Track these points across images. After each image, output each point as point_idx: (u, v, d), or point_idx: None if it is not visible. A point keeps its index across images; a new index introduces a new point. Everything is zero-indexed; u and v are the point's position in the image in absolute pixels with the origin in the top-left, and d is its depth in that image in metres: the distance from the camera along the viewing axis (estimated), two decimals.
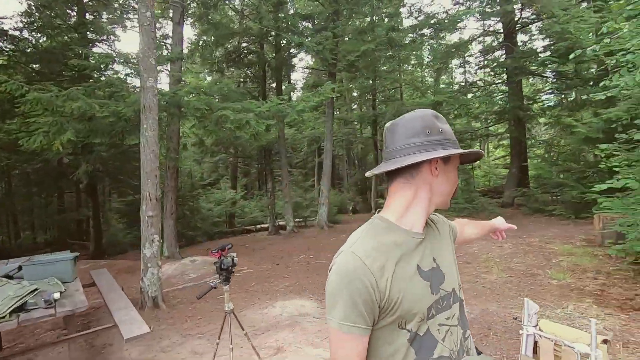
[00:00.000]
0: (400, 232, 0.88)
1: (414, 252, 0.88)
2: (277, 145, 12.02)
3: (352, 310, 0.79)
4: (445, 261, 0.95)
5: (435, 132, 0.88)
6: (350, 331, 0.80)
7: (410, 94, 20.71)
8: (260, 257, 7.89)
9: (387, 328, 0.84)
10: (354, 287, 0.79)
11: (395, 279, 0.82)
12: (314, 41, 8.78)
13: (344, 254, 0.85)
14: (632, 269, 4.47)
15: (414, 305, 0.83)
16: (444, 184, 0.91)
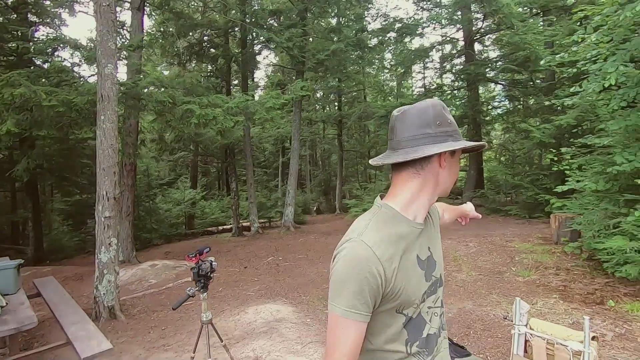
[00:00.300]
0: (405, 222, 0.89)
1: (415, 243, 0.90)
2: (242, 144, 11.63)
3: (358, 298, 0.80)
4: (437, 249, 1.00)
5: (445, 123, 0.88)
6: (354, 317, 0.81)
7: (373, 97, 21.12)
8: (227, 260, 7.53)
9: (386, 312, 0.86)
10: (363, 276, 0.79)
11: (400, 269, 0.84)
12: (283, 37, 8.56)
13: (353, 242, 0.84)
14: (588, 265, 4.78)
15: (413, 293, 0.87)
16: (449, 176, 0.92)
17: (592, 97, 4.08)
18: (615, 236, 3.96)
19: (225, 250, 8.74)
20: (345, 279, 0.81)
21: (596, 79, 3.45)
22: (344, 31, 10.89)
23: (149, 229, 12.06)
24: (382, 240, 0.84)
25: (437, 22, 10.41)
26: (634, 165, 3.66)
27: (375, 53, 13.29)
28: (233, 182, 12.26)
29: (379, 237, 0.84)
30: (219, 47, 11.32)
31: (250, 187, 11.68)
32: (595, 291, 3.97)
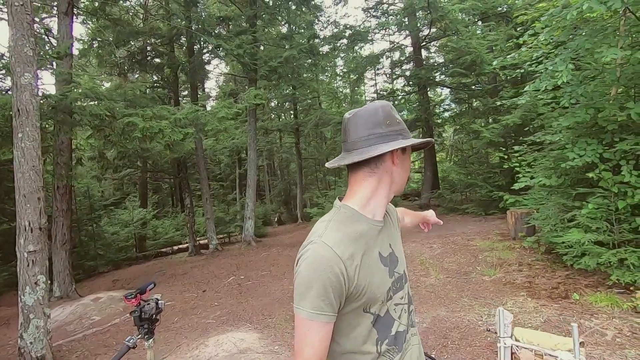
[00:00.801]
0: (364, 220, 0.91)
1: (376, 240, 0.92)
2: (195, 157, 10.98)
3: (323, 299, 0.80)
4: (398, 246, 1.03)
5: (394, 122, 0.92)
6: (319, 319, 0.81)
7: (328, 104, 21.21)
8: (183, 284, 6.92)
9: (352, 312, 0.87)
10: (326, 277, 0.80)
11: (362, 267, 0.85)
12: (233, 44, 8.19)
13: (315, 244, 0.85)
14: (547, 259, 4.92)
15: (378, 290, 0.88)
16: (402, 173, 0.95)
17: (542, 95, 4.20)
18: (571, 229, 4.08)
19: (180, 273, 8.07)
20: (309, 281, 0.82)
21: (547, 78, 3.53)
22: (295, 38, 10.74)
23: (94, 256, 10.92)
24: (342, 240, 0.85)
25: (387, 29, 10.61)
26: (584, 160, 3.79)
27: (327, 60, 13.31)
28: (187, 198, 11.50)
29: (339, 237, 0.85)
30: (163, 56, 10.65)
31: (206, 202, 11.02)
32: (558, 285, 4.04)
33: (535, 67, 4.58)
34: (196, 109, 6.94)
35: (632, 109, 3.34)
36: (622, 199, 3.72)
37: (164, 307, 2.13)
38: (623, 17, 3.92)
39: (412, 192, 15.15)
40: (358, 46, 14.30)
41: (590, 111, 3.62)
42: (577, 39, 3.47)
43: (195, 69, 9.95)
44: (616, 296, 3.50)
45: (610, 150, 3.77)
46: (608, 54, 2.98)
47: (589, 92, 3.51)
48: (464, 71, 8.55)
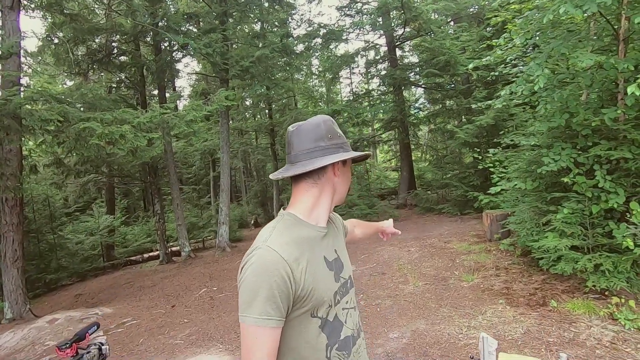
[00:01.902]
0: (308, 227, 0.96)
1: (320, 245, 0.96)
2: (164, 161, 10.47)
3: (270, 304, 0.80)
4: (343, 252, 1.07)
5: (335, 136, 0.97)
6: (266, 324, 0.81)
7: (304, 103, 20.95)
8: (150, 299, 6.52)
9: (300, 317, 0.87)
10: (272, 280, 0.81)
11: (307, 271, 0.87)
12: (201, 43, 7.80)
13: (259, 250, 0.86)
14: (523, 262, 4.92)
15: (324, 293, 0.90)
16: (343, 183, 1.01)
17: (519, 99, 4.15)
18: (547, 233, 4.05)
19: (149, 285, 7.64)
20: (256, 287, 0.82)
21: (522, 82, 3.45)
22: (268, 37, 10.41)
23: (55, 268, 10.21)
24: (288, 243, 0.87)
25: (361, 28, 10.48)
26: (560, 164, 3.75)
27: (302, 59, 13.05)
28: (157, 204, 10.98)
29: (284, 241, 0.88)
30: (128, 55, 10.06)
31: (177, 207, 10.55)
32: (536, 291, 4.01)
33: (509, 70, 4.54)
34: (162, 112, 6.53)
35: (606, 114, 3.31)
36: (596, 203, 3.71)
37: (119, 312, 1.84)
38: (593, 20, 3.92)
39: (389, 192, 15.18)
40: (333, 45, 14.14)
41: (565, 116, 3.58)
42: (552, 43, 3.41)
43: (162, 68, 9.46)
44: (593, 302, 3.48)
45: (584, 154, 3.75)
46: (584, 59, 2.91)
47: (564, 96, 3.47)
48: (438, 72, 8.55)
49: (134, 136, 5.75)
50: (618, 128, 3.41)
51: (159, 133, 6.41)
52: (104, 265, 11.87)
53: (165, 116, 6.63)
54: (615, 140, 3.59)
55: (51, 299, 8.63)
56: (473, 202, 8.55)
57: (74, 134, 5.20)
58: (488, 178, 8.30)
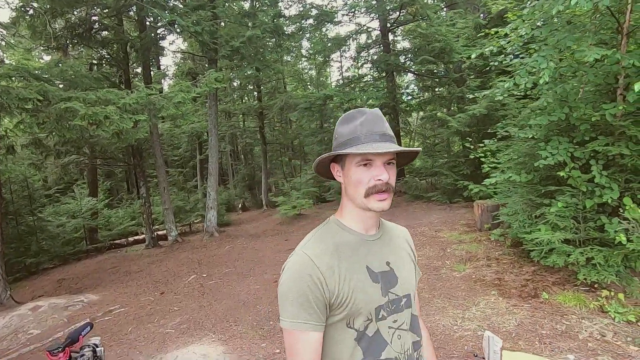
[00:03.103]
0: (350, 233, 0.93)
1: (363, 253, 0.91)
2: (150, 143, 10.14)
3: (303, 307, 0.82)
4: (402, 268, 0.98)
5: (334, 139, 0.94)
6: (302, 328, 0.82)
7: (293, 86, 20.56)
8: (138, 285, 6.40)
9: (335, 326, 0.86)
10: (304, 285, 0.82)
11: (344, 278, 0.85)
12: (190, 21, 7.43)
13: (295, 255, 0.89)
14: (513, 252, 4.99)
15: (361, 304, 0.86)
16: (348, 186, 0.92)
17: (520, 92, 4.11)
18: (540, 226, 4.10)
19: (136, 270, 7.50)
20: (288, 291, 0.84)
21: (526, 75, 3.39)
22: (259, 16, 10.03)
23: (36, 252, 9.91)
24: (323, 250, 0.87)
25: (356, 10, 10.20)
26: (557, 158, 3.75)
27: (293, 41, 12.70)
28: (142, 187, 10.69)
29: (320, 248, 0.88)
30: (110, 30, 9.55)
31: (164, 191, 10.30)
32: (527, 282, 4.08)
33: (510, 60, 4.48)
34: (148, 93, 6.25)
35: (607, 109, 3.30)
36: (590, 197, 3.74)
37: (106, 298, 1.75)
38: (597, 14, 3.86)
39: None
40: (325, 27, 13.78)
41: (565, 110, 3.56)
42: (557, 35, 3.34)
43: (147, 45, 9.03)
44: (583, 295, 3.56)
45: (580, 149, 3.76)
46: (590, 53, 2.86)
47: (567, 90, 3.43)
48: (433, 58, 8.44)
49: (120, 118, 5.49)
50: (617, 124, 3.41)
51: (145, 115, 6.13)
52: (87, 248, 11.60)
53: (152, 97, 6.35)
54: (612, 136, 3.60)
55: (32, 284, 8.40)
56: (462, 191, 8.63)
57: (54, 114, 4.92)
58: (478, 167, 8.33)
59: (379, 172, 0.86)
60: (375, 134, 0.87)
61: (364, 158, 0.87)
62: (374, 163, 0.87)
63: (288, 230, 9.61)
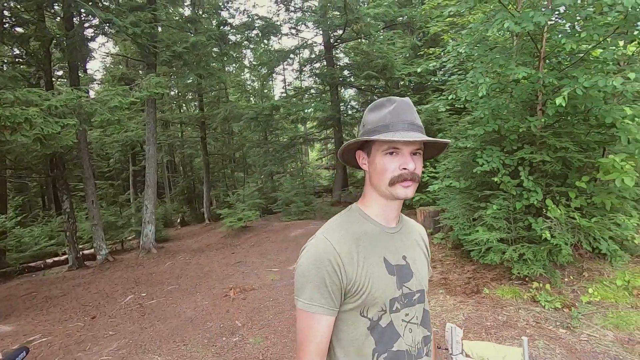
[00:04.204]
0: (371, 223, 0.93)
1: (382, 245, 0.91)
2: (77, 152, 9.16)
3: (319, 291, 0.83)
4: (417, 263, 0.98)
5: (361, 127, 0.93)
6: (316, 311, 0.83)
7: (236, 97, 20.19)
8: (63, 311, 5.64)
9: (350, 313, 0.87)
10: (323, 269, 0.83)
11: (362, 267, 0.86)
12: (127, 21, 6.96)
13: (315, 239, 0.89)
14: (455, 254, 5.37)
15: (377, 294, 0.86)
16: (373, 173, 0.91)
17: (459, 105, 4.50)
18: (478, 228, 4.48)
19: (58, 295, 6.61)
20: (307, 273, 0.84)
21: (467, 88, 3.75)
22: (202, 23, 9.75)
23: None
24: (344, 237, 0.87)
25: (302, 24, 10.44)
26: (491, 165, 4.16)
27: (237, 50, 12.53)
28: (65, 201, 9.54)
29: (341, 234, 0.88)
30: (29, 25, 8.54)
31: (93, 205, 9.31)
32: (469, 280, 4.41)
33: (447, 77, 4.90)
34: (78, 95, 5.67)
35: (532, 122, 3.76)
36: (519, 200, 4.20)
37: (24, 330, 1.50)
38: (518, 38, 4.42)
39: (324, 189, 15.45)
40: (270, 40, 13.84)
41: (498, 122, 3.98)
42: (490, 55, 3.76)
43: (75, 45, 8.23)
44: (517, 288, 3.95)
45: (510, 157, 4.22)
46: (519, 71, 3.25)
47: (499, 104, 3.85)
48: (376, 74, 8.92)
49: (44, 121, 4.89)
50: (540, 134, 3.90)
51: (75, 119, 5.54)
52: None
53: (82, 100, 5.78)
54: (536, 145, 4.11)
55: None
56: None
57: None
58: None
59: (406, 161, 0.85)
60: (404, 122, 0.86)
61: (391, 146, 0.86)
62: (401, 152, 0.86)
63: (234, 243, 9.26)
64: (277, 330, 3.87)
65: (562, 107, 3.05)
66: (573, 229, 3.86)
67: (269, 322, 4.14)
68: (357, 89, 13.05)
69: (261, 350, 3.51)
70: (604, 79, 2.86)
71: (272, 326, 4.01)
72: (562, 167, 4.13)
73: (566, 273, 4.07)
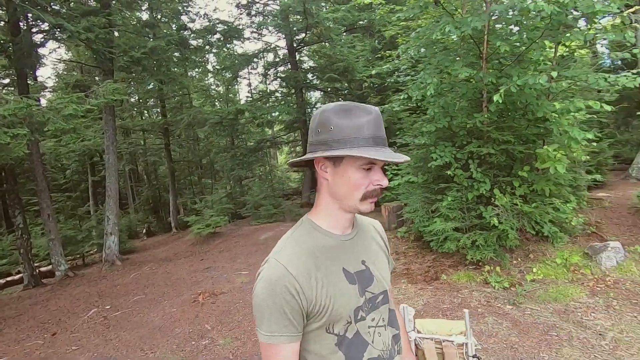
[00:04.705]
0: (324, 235, 0.88)
1: (339, 256, 0.87)
2: (29, 163, 8.68)
3: (278, 320, 0.79)
4: (377, 264, 0.95)
5: (325, 130, 0.82)
6: (279, 341, 0.79)
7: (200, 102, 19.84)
8: (19, 330, 5.35)
9: (315, 332, 0.83)
10: (280, 297, 0.78)
11: (321, 285, 0.82)
12: (80, 26, 6.74)
13: (268, 264, 0.83)
14: (416, 246, 5.64)
15: (341, 309, 0.83)
16: (339, 185, 0.85)
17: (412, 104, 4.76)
18: (435, 219, 4.77)
19: (13, 315, 6.25)
20: (263, 304, 0.79)
21: (417, 88, 4.01)
22: (161, 27, 9.58)
23: None
24: (299, 257, 0.82)
25: (264, 28, 10.51)
26: (444, 159, 4.45)
27: (198, 55, 12.38)
28: (18, 216, 8.99)
29: (294, 255, 0.83)
30: None
31: (49, 219, 8.84)
32: (429, 269, 4.67)
33: (402, 78, 5.18)
34: (29, 104, 5.43)
35: (477, 118, 4.07)
36: (470, 191, 4.52)
37: None
38: (464, 42, 4.77)
39: (293, 192, 15.51)
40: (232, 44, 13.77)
41: (447, 119, 4.28)
42: (438, 56, 4.04)
43: (22, 52, 7.83)
44: (471, 272, 4.24)
45: (461, 151, 4.53)
46: (462, 71, 3.54)
47: (447, 102, 4.14)
48: (338, 77, 9.16)
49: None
50: (485, 129, 4.23)
51: (25, 129, 5.30)
52: None
53: (32, 109, 5.53)
54: (483, 139, 4.44)
55: None
56: None
57: None
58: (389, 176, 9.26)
59: (380, 177, 0.84)
60: (382, 138, 0.83)
61: (369, 162, 0.82)
62: (375, 167, 0.84)
63: (203, 250, 9.13)
64: (247, 330, 3.92)
65: (501, 103, 3.36)
66: (517, 215, 4.21)
67: (239, 323, 4.17)
68: (323, 92, 13.27)
69: (231, 350, 3.56)
70: (534, 77, 3.19)
71: (242, 327, 4.05)
72: (506, 158, 4.49)
73: (515, 256, 4.42)
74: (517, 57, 3.85)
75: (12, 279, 10.21)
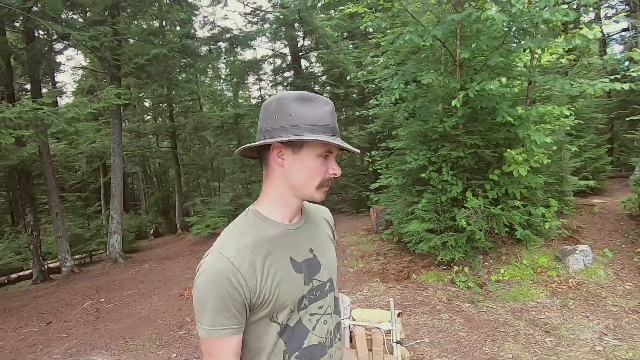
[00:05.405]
0: (271, 225, 0.86)
1: (286, 245, 0.86)
2: (40, 165, 9.17)
3: (222, 313, 0.77)
4: (325, 252, 0.95)
5: (284, 116, 0.81)
6: (220, 335, 0.77)
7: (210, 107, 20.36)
8: (19, 319, 5.69)
9: (258, 322, 0.82)
10: (222, 289, 0.76)
11: (266, 275, 0.80)
12: (87, 35, 7.17)
13: (211, 256, 0.80)
14: (398, 247, 5.75)
15: (285, 298, 0.82)
16: (297, 172, 0.84)
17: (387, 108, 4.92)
18: (412, 221, 4.88)
19: (18, 306, 6.63)
20: (204, 297, 0.77)
21: (387, 94, 4.17)
22: (168, 35, 10.01)
23: None
24: (244, 249, 0.80)
25: (263, 35, 10.84)
26: (419, 163, 4.58)
27: (205, 62, 12.80)
28: (29, 214, 9.50)
29: (239, 246, 0.80)
30: None
31: (57, 217, 9.30)
32: (403, 269, 4.78)
33: (382, 83, 5.35)
34: (35, 107, 5.83)
35: (447, 122, 4.20)
36: (444, 194, 4.63)
37: None
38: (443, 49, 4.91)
39: None
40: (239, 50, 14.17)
41: (420, 123, 4.41)
42: (408, 63, 4.20)
43: (35, 58, 8.34)
44: (441, 272, 4.34)
45: (435, 155, 4.65)
46: (426, 77, 3.69)
47: (420, 107, 4.28)
48: (334, 82, 9.36)
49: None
50: (455, 133, 4.35)
51: (31, 131, 5.70)
52: None
53: (39, 112, 5.93)
54: (454, 143, 4.55)
55: None
56: (367, 201, 9.53)
57: None
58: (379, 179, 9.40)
59: (335, 167, 0.86)
60: (336, 128, 0.85)
61: (328, 150, 0.84)
62: (330, 157, 0.85)
63: (201, 249, 9.41)
64: None
65: (461, 107, 3.49)
66: (487, 217, 4.29)
67: None
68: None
69: None
70: (491, 83, 3.31)
71: None
72: (478, 161, 4.59)
73: (488, 257, 4.50)
74: (484, 63, 3.97)
75: (24, 273, 10.73)
